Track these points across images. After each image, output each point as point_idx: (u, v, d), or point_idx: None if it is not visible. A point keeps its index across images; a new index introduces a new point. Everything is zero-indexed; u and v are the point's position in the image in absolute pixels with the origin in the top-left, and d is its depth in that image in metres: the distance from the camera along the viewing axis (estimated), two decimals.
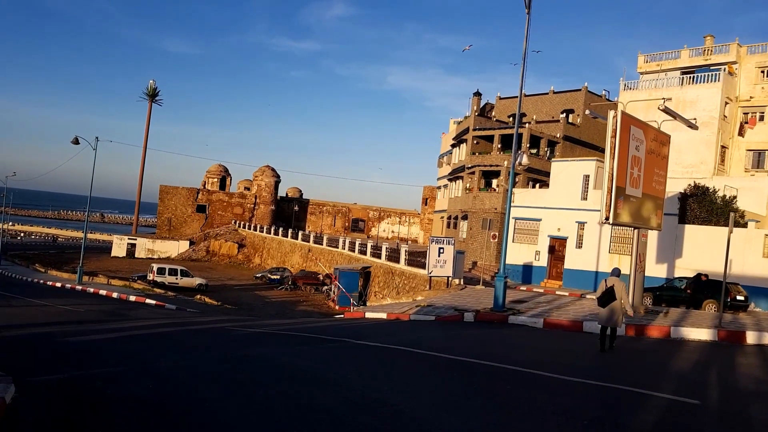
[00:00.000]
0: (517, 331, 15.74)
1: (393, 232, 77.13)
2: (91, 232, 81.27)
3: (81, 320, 18.77)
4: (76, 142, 34.91)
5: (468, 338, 14.48)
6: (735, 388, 9.27)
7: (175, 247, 66.02)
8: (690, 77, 40.01)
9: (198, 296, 37.14)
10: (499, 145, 45.18)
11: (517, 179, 41.04)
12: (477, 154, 46.59)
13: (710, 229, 26.68)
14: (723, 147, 39.02)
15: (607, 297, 11.82)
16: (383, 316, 20.13)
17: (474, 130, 47.76)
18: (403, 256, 32.93)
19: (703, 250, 26.19)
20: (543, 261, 33.53)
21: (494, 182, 45.67)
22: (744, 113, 39.64)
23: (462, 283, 27.04)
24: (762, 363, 11.61)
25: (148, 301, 29.80)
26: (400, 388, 8.29)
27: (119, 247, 64.75)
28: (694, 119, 32.21)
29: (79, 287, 34.41)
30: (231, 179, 76.29)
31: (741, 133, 39.38)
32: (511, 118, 52.85)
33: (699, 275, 23.49)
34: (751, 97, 39.27)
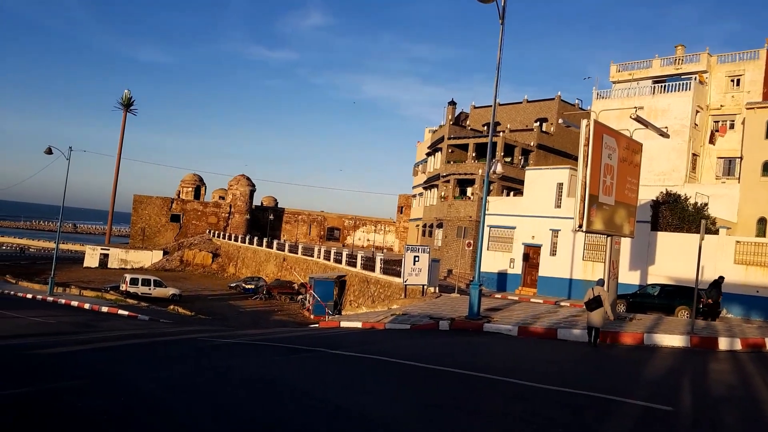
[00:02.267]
0: (493, 339, 15.73)
1: (368, 240, 77.00)
2: (63, 243, 79.67)
3: (52, 332, 18.32)
4: (49, 152, 34.42)
5: (443, 347, 14.42)
6: (707, 395, 9.34)
7: (149, 257, 65.04)
8: (661, 86, 40.70)
9: (171, 306, 36.57)
10: (474, 154, 45.41)
11: (491, 187, 41.27)
12: (452, 162, 46.78)
13: (682, 236, 27.04)
14: (694, 155, 39.70)
15: (595, 303, 13.99)
16: (358, 325, 19.98)
17: (449, 138, 47.97)
18: (378, 265, 32.82)
19: (675, 257, 26.52)
20: (517, 269, 33.66)
21: (469, 190, 45.85)
22: (715, 122, 40.40)
23: (437, 291, 27.01)
24: (734, 369, 11.73)
25: (120, 312, 29.23)
26: (375, 397, 8.19)
27: (92, 257, 63.64)
28: (666, 128, 32.73)
29: (50, 298, 33.66)
30: (206, 188, 75.63)
31: (712, 141, 40.13)
32: (485, 127, 53.19)
33: (720, 278, 22.45)
34: (721, 106, 40.07)
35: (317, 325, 23.87)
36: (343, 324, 20.88)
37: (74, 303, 31.66)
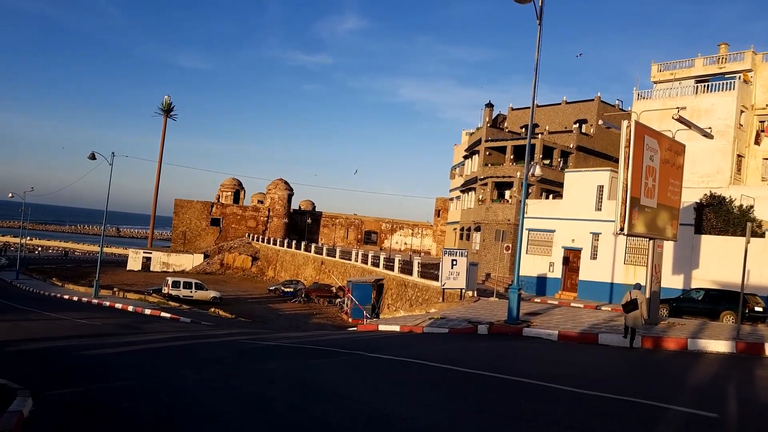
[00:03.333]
0: (532, 343, 15.62)
1: (406, 244, 77.01)
2: (107, 246, 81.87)
3: (97, 334, 18.87)
4: (92, 157, 35.34)
5: (482, 351, 14.38)
6: (754, 401, 9.12)
7: (190, 261, 66.34)
8: (704, 86, 39.72)
9: (212, 309, 37.23)
10: (512, 156, 45.05)
11: (530, 190, 40.86)
12: (489, 165, 46.49)
13: (727, 240, 26.37)
14: (739, 156, 38.62)
15: (631, 306, 14.79)
16: (396, 328, 20.06)
17: (486, 141, 47.70)
18: (416, 268, 32.84)
19: (720, 261, 25.87)
20: (557, 272, 33.28)
21: (507, 193, 45.49)
22: (760, 121, 39.23)
23: (475, 295, 26.90)
24: None
25: (163, 314, 29.90)
26: (414, 401, 8.24)
27: (135, 260, 65.20)
28: (709, 128, 31.96)
29: (95, 301, 34.63)
30: (245, 192, 76.70)
31: (757, 142, 38.97)
32: (523, 129, 52.73)
33: None
34: (767, 105, 38.89)
35: (355, 329, 24.04)
36: (381, 327, 20.98)
37: (118, 305, 32.51)
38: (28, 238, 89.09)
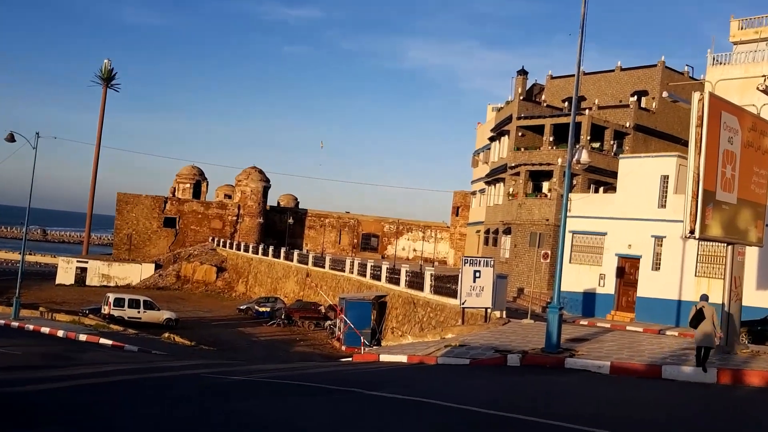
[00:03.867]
0: (577, 377, 15.69)
1: (415, 250, 77.17)
2: (30, 253, 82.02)
3: (18, 365, 18.94)
4: (11, 139, 35.36)
5: (513, 387, 14.44)
6: None
7: (137, 272, 66.53)
8: None
9: (166, 334, 37.35)
10: (551, 138, 45.12)
11: (574, 181, 40.91)
12: (522, 149, 46.58)
13: None
14: None
15: (697, 318, 15.16)
16: (403, 359, 20.16)
17: (519, 118, 47.77)
18: (428, 282, 32.93)
19: None
20: (609, 287, 33.34)
21: (545, 186, 45.55)
22: None
23: (504, 316, 27.01)
24: None
25: (102, 340, 30.03)
26: None
27: (66, 271, 65.37)
28: None
29: (15, 323, 34.72)
30: (208, 185, 76.90)
31: None
32: (566, 103, 52.78)
33: None
34: None
35: (350, 359, 24.16)
36: (384, 358, 21.09)
37: (45, 329, 32.64)
38: None
